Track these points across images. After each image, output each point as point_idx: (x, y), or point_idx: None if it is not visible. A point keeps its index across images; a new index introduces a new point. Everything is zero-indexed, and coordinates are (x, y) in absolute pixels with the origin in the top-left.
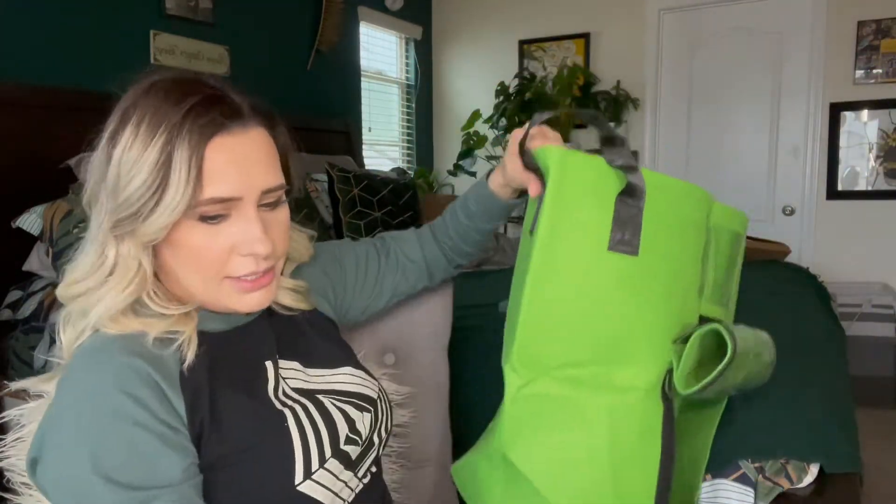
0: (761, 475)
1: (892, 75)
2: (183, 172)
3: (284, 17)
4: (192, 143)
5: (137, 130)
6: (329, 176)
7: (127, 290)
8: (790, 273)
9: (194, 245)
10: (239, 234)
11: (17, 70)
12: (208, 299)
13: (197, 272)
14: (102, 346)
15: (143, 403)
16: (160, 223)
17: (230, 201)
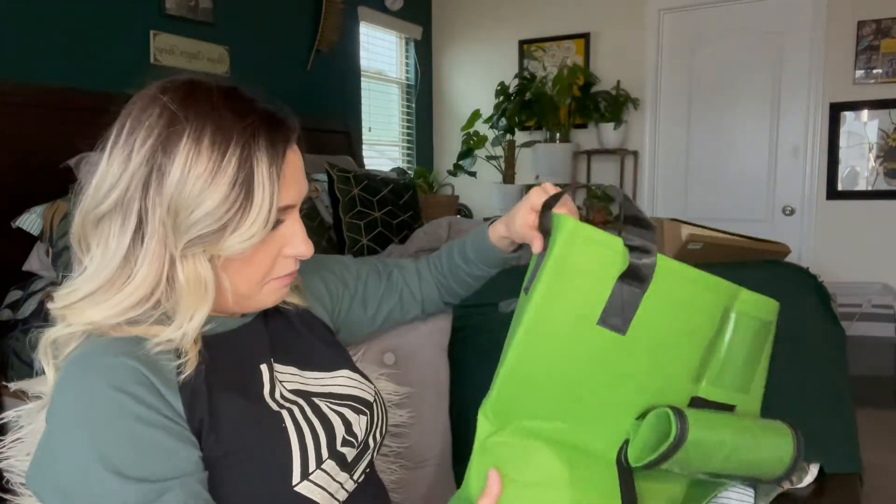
0: None
1: (892, 75)
2: (267, 186)
3: (284, 17)
4: (271, 157)
5: (199, 145)
6: (329, 176)
7: (206, 305)
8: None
9: (257, 253)
10: (289, 238)
11: (16, 70)
12: (242, 302)
13: (247, 278)
14: (92, 349)
15: (140, 399)
16: (249, 236)
17: (290, 208)
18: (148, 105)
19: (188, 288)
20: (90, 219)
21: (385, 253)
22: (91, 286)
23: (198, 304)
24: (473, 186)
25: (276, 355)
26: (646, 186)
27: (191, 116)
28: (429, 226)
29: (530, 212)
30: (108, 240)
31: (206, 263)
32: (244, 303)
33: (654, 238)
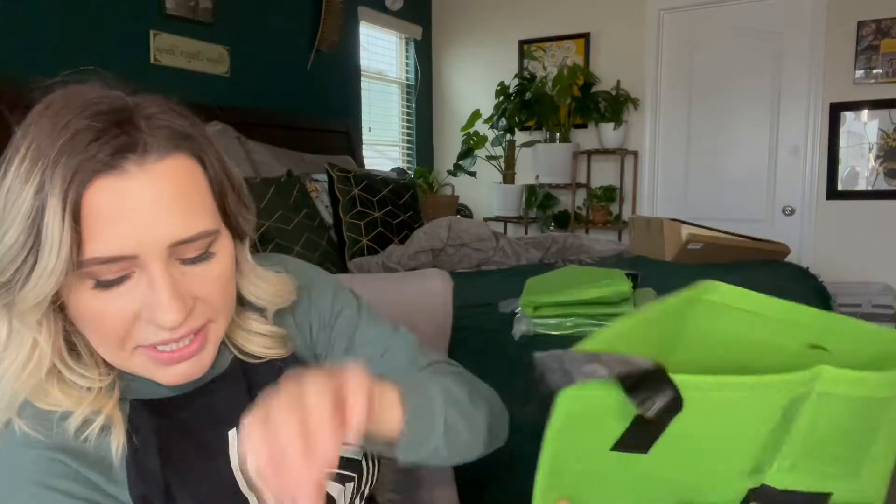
0: None
1: (892, 75)
2: (56, 227)
3: (284, 17)
4: (65, 188)
5: (21, 166)
6: (329, 176)
7: (27, 371)
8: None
9: (90, 312)
10: (141, 300)
11: (16, 70)
12: (126, 368)
13: (100, 342)
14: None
15: (67, 493)
16: (37, 292)
17: (122, 260)
18: None
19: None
20: None
21: (385, 253)
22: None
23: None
24: (473, 186)
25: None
26: (646, 186)
27: (31, 127)
28: (429, 226)
29: None
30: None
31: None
32: (126, 368)
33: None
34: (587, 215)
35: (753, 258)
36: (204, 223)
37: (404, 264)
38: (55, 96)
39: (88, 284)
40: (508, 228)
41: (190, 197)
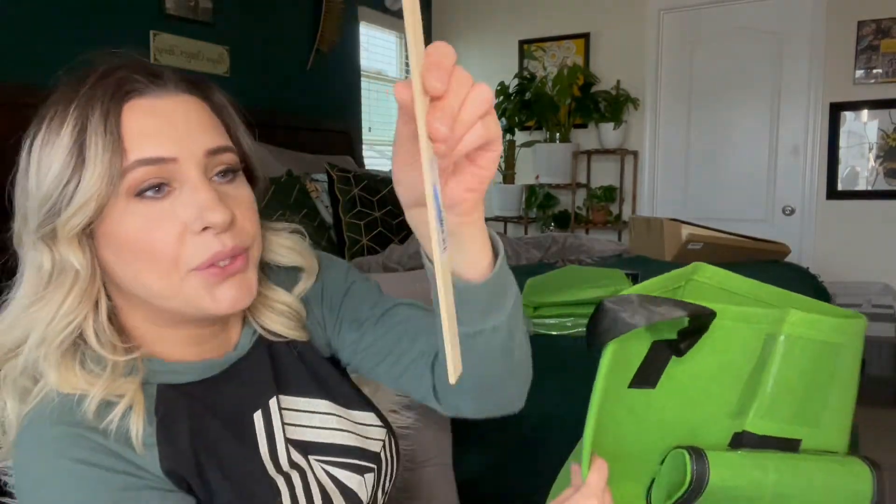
0: None
1: (892, 75)
2: (99, 137)
3: (284, 17)
4: (104, 108)
5: (50, 123)
6: (329, 176)
7: (66, 304)
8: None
9: (135, 230)
10: (187, 207)
11: (16, 70)
12: (174, 305)
13: (150, 268)
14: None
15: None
16: (82, 211)
17: (164, 163)
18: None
19: (54, 279)
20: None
21: (385, 253)
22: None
23: (63, 297)
24: None
25: (284, 387)
26: (646, 186)
27: (48, 103)
28: None
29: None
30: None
31: (60, 247)
32: (174, 306)
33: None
34: (587, 215)
35: (753, 258)
36: (226, 140)
37: (404, 264)
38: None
39: (132, 201)
40: (508, 228)
41: (208, 121)
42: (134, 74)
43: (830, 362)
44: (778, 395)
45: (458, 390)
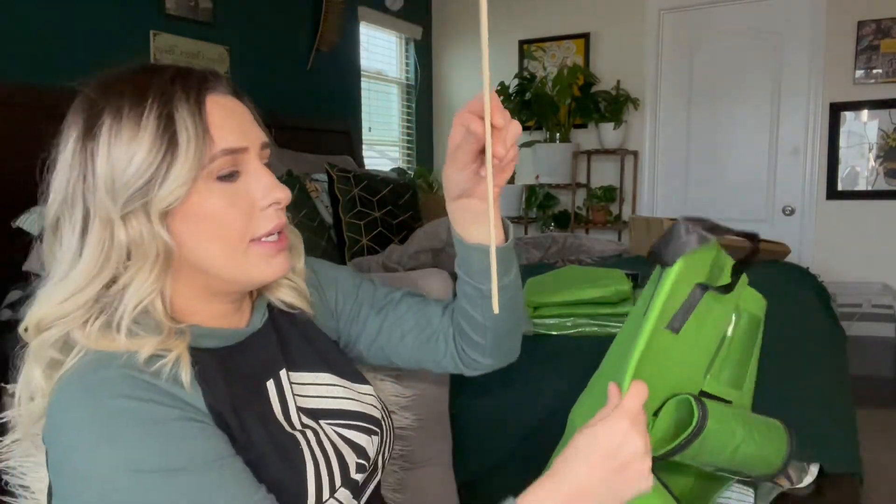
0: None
1: (892, 75)
2: (190, 127)
3: (284, 17)
4: (191, 100)
5: (119, 115)
6: (329, 176)
7: (154, 272)
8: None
9: (215, 209)
10: (255, 188)
11: (16, 70)
12: (232, 273)
13: (220, 241)
14: (84, 366)
15: (151, 400)
16: (179, 183)
17: (239, 153)
18: (73, 105)
19: (136, 251)
20: (48, 230)
21: (385, 253)
22: (45, 290)
23: (142, 268)
24: None
25: (292, 363)
26: (646, 186)
27: (109, 95)
28: (429, 226)
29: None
30: (62, 241)
31: (147, 224)
32: (230, 274)
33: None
34: (587, 215)
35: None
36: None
37: (404, 264)
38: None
39: (214, 183)
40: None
41: (256, 118)
42: (205, 76)
43: (756, 335)
44: (726, 360)
45: (478, 345)
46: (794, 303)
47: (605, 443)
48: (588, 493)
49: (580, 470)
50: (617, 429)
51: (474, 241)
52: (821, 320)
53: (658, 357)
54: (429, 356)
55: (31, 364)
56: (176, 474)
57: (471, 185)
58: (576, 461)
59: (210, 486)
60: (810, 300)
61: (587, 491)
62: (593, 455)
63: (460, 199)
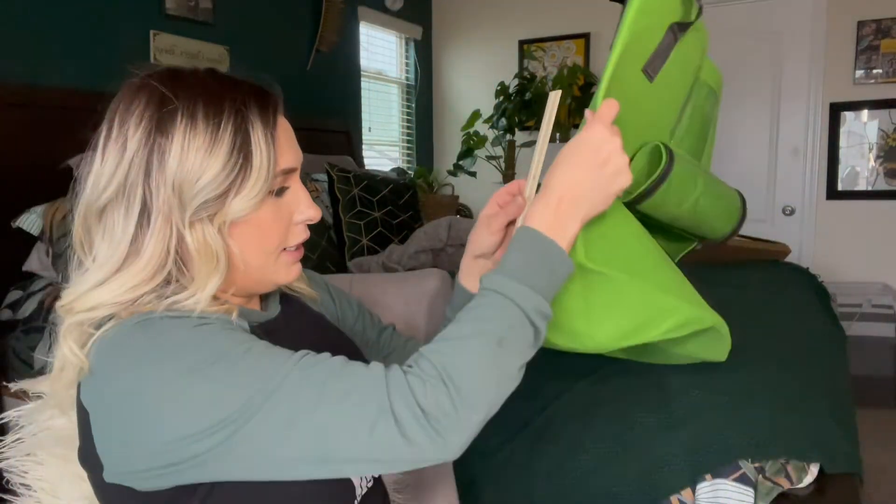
0: (761, 475)
1: (892, 75)
2: (264, 148)
3: (284, 17)
4: (265, 121)
5: (194, 120)
6: (329, 176)
7: (218, 274)
8: (790, 273)
9: (268, 220)
10: (295, 205)
11: (16, 70)
12: (259, 276)
13: (262, 248)
14: (134, 318)
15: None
16: (252, 196)
17: (292, 172)
18: (136, 93)
19: (199, 256)
20: (92, 212)
21: (385, 253)
22: (100, 275)
23: (210, 272)
24: (473, 186)
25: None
26: None
27: (181, 95)
28: (429, 226)
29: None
30: (114, 228)
31: (213, 231)
32: (258, 276)
33: None
34: None
35: (753, 258)
36: None
37: (404, 264)
38: (179, 71)
39: (268, 197)
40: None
41: None
42: (275, 95)
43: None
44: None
45: None
46: (794, 303)
47: (586, 145)
48: (579, 195)
49: (567, 174)
50: (594, 131)
51: None
52: (821, 320)
53: (633, 105)
54: None
55: (68, 338)
56: (225, 356)
57: (492, 250)
58: (563, 167)
59: (260, 351)
60: (810, 300)
61: (578, 194)
62: (577, 157)
63: (479, 259)
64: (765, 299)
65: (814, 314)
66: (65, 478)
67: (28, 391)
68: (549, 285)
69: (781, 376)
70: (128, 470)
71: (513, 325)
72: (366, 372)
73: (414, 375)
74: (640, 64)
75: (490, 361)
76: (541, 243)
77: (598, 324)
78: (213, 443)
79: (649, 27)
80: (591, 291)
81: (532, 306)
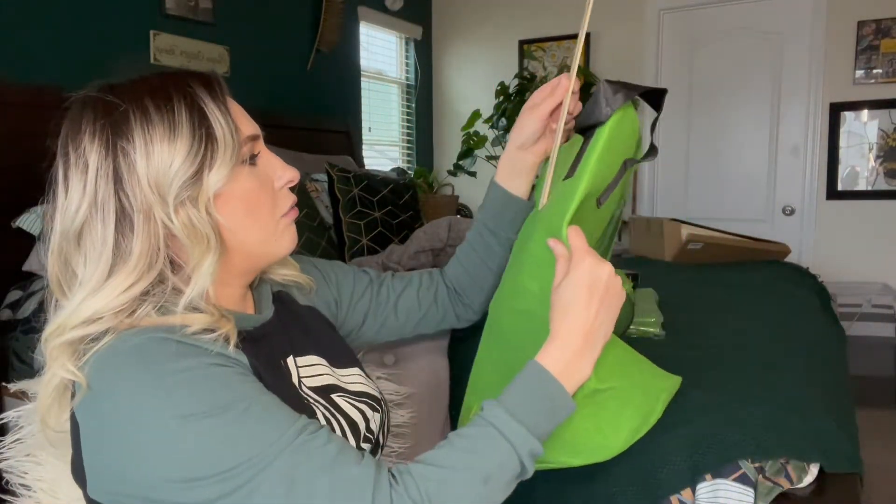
0: (761, 475)
1: (892, 75)
2: (222, 120)
3: (284, 17)
4: (213, 95)
5: (146, 114)
6: (329, 176)
7: (212, 253)
8: (790, 273)
9: (250, 188)
10: (272, 169)
11: (16, 70)
12: (268, 248)
13: (258, 219)
14: (127, 335)
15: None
16: (224, 170)
17: (257, 139)
18: (79, 113)
19: (189, 240)
20: (69, 241)
21: (385, 253)
22: (89, 287)
23: (203, 252)
24: (473, 186)
25: (295, 349)
26: (645, 186)
27: (125, 97)
28: (429, 226)
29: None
30: (94, 246)
31: (198, 212)
32: (261, 250)
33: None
34: None
35: (753, 258)
36: None
37: (404, 264)
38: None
39: (242, 167)
40: None
41: None
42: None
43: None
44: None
45: (478, 289)
46: (794, 303)
47: (586, 281)
48: (592, 331)
49: (577, 317)
50: (586, 266)
51: (516, 193)
52: (821, 320)
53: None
54: (425, 307)
55: (60, 358)
56: (223, 412)
57: (535, 139)
58: (573, 313)
59: (258, 414)
60: (810, 300)
61: (591, 330)
62: (581, 298)
63: (520, 151)
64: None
65: (814, 314)
66: (64, 478)
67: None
68: (547, 428)
69: (781, 376)
70: (107, 489)
71: (502, 463)
72: (356, 473)
73: (398, 494)
74: (597, 192)
75: (473, 499)
76: (548, 385)
77: (612, 434)
78: (190, 496)
79: (610, 164)
80: (602, 408)
81: (526, 449)
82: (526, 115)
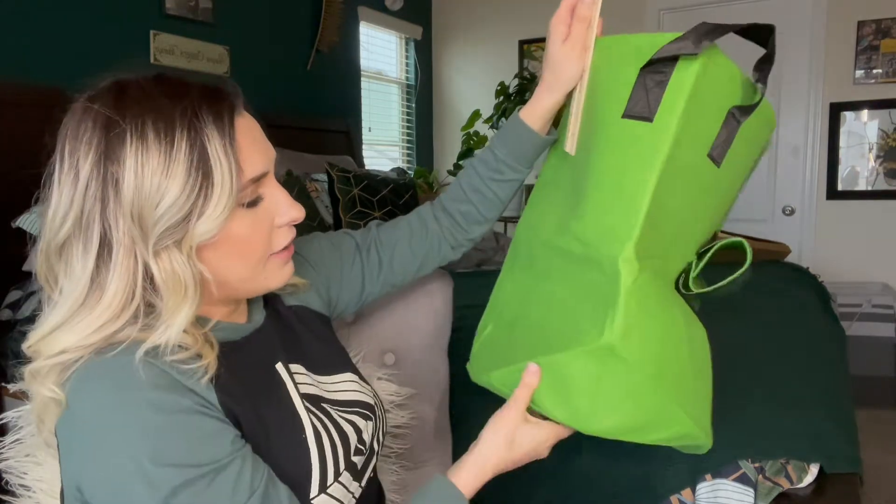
0: (761, 475)
1: (892, 75)
2: (223, 161)
3: (284, 17)
4: (221, 129)
5: (144, 140)
6: (329, 176)
7: (188, 304)
8: (790, 273)
9: (245, 233)
10: (275, 209)
11: (16, 70)
12: (251, 286)
13: (245, 261)
14: (105, 357)
15: (172, 390)
16: (215, 218)
17: (263, 178)
18: (81, 119)
19: (166, 287)
20: (52, 249)
21: None
22: (61, 315)
23: (178, 303)
24: None
25: (288, 355)
26: None
27: (127, 115)
28: None
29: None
30: (73, 265)
31: (181, 257)
32: (248, 286)
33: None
34: None
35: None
36: None
37: None
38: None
39: (239, 210)
40: (509, 228)
41: None
42: (228, 98)
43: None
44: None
45: (483, 219)
46: (794, 303)
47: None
48: (506, 468)
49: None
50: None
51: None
52: (821, 320)
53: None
54: (426, 248)
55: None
56: (186, 470)
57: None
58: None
59: (219, 485)
60: (810, 300)
61: (505, 468)
62: (518, 449)
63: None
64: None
65: (814, 314)
66: None
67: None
68: None
69: (781, 376)
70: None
71: None
72: None
73: None
74: (703, 150)
75: None
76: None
77: (602, 412)
78: None
79: (704, 114)
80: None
81: None
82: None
